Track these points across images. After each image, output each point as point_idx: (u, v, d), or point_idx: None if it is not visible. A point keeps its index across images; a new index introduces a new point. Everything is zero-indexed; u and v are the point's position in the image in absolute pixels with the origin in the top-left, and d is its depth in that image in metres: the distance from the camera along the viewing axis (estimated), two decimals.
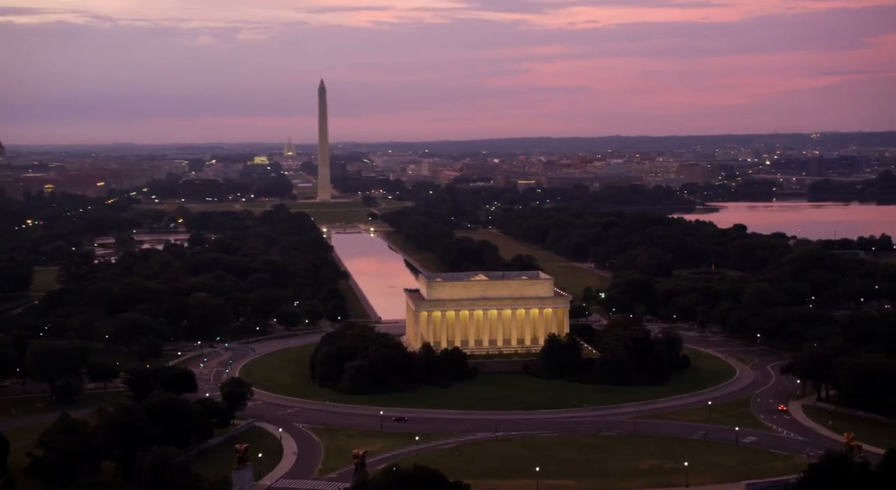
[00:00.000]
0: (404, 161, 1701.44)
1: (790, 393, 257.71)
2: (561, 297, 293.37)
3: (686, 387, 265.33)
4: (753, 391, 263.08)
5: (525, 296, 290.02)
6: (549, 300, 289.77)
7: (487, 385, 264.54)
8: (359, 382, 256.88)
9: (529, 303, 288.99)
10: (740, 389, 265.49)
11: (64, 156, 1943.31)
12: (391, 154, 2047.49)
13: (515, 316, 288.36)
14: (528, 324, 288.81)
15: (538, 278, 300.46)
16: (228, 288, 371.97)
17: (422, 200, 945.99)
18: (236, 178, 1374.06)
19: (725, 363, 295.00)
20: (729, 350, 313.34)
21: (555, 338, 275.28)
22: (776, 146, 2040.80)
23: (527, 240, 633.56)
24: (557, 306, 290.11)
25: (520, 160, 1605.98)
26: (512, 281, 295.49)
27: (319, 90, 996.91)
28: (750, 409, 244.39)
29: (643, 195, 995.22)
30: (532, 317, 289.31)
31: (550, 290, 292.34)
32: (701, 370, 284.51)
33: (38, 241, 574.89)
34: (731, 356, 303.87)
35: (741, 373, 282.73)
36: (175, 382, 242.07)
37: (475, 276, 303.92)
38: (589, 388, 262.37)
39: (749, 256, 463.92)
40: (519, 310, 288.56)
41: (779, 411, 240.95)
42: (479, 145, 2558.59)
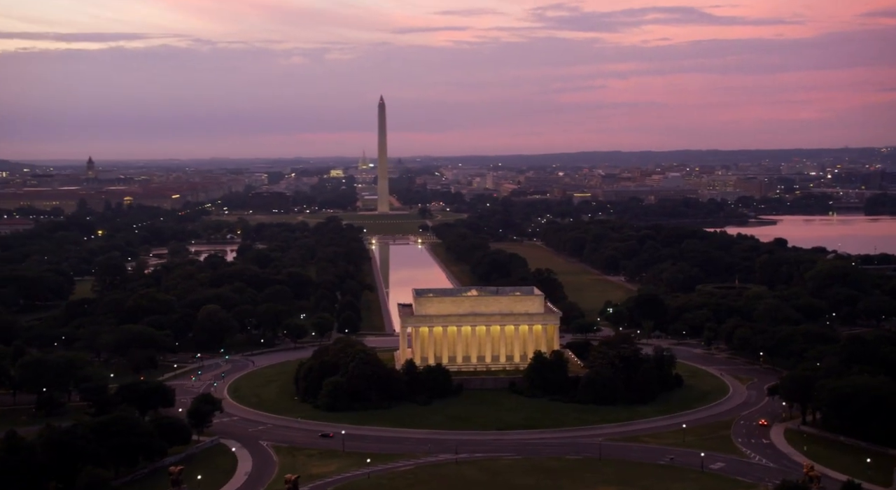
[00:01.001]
0: (472, 174, 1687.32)
1: (777, 415, 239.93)
2: (551, 314, 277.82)
3: (672, 407, 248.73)
4: (740, 412, 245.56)
5: (514, 312, 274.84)
6: (539, 316, 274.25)
7: (469, 403, 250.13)
8: (336, 399, 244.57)
9: (519, 319, 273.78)
10: (728, 410, 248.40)
11: (154, 170, 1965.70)
12: (461, 167, 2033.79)
13: (504, 332, 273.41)
14: (518, 340, 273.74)
15: (529, 294, 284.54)
16: (245, 299, 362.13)
17: (477, 212, 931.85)
18: (306, 190, 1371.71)
19: (721, 382, 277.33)
20: (731, 368, 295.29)
21: (540, 355, 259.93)
22: (844, 160, 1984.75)
23: (566, 252, 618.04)
24: (547, 323, 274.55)
25: (582, 173, 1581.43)
26: (501, 297, 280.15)
27: (379, 106, 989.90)
28: (730, 432, 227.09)
29: (696, 208, 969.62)
30: (521, 333, 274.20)
31: (541, 306, 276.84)
32: (693, 389, 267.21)
33: (94, 252, 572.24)
34: (730, 375, 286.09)
35: (734, 392, 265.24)
36: (149, 397, 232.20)
37: (468, 291, 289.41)
38: (571, 407, 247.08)
39: (776, 272, 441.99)
40: (508, 326, 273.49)
41: (758, 435, 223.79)
42: (550, 159, 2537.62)
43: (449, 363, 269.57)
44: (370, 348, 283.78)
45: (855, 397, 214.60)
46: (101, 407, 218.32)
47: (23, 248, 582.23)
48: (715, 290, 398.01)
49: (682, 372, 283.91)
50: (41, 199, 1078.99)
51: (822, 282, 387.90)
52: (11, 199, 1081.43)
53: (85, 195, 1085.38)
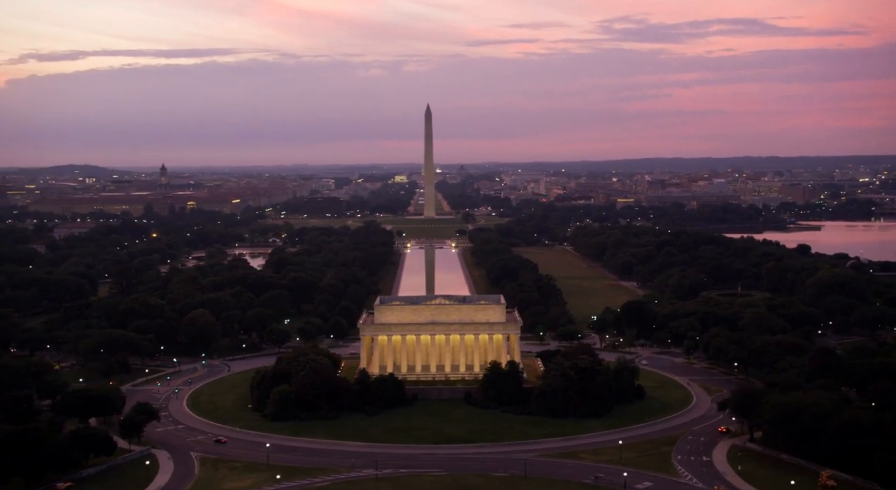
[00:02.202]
0: (528, 179, 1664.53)
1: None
2: (511, 323, 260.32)
3: (625, 421, 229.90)
4: (694, 426, 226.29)
5: (475, 321, 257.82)
6: (499, 326, 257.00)
7: (418, 414, 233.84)
8: (283, 408, 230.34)
9: (479, 328, 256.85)
10: (682, 424, 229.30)
11: (232, 176, 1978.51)
12: (520, 173, 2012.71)
13: (464, 341, 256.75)
14: (477, 350, 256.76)
15: (494, 303, 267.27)
16: (241, 304, 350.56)
17: (519, 217, 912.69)
18: (364, 195, 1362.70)
19: (687, 393, 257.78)
20: (705, 379, 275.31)
21: (495, 366, 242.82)
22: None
23: (590, 257, 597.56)
24: (507, 332, 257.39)
25: (634, 179, 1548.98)
26: (462, 306, 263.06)
27: (426, 115, 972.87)
28: (673, 448, 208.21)
29: (735, 214, 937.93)
30: (482, 343, 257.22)
31: (501, 315, 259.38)
32: (655, 401, 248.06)
33: (133, 255, 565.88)
34: (701, 385, 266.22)
35: (696, 404, 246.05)
36: (94, 405, 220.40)
37: (434, 300, 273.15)
38: (522, 420, 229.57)
39: (781, 279, 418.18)
40: (467, 335, 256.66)
41: (701, 451, 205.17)
42: (613, 165, 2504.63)
43: (408, 372, 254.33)
44: (335, 356, 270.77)
45: (796, 415, 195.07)
46: (23, 416, 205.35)
47: (69, 251, 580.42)
48: (717, 298, 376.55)
49: (651, 382, 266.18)
50: (113, 204, 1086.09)
51: (819, 290, 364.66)
52: (87, 204, 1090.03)
53: (152, 200, 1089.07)
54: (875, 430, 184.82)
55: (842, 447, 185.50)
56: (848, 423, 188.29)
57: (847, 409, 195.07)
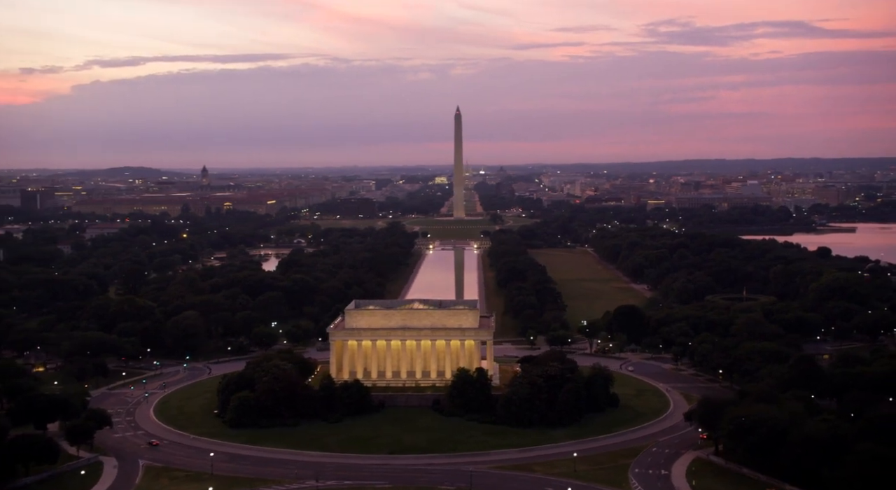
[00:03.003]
0: (566, 181, 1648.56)
1: (694, 442, 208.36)
2: (484, 329, 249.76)
3: (592, 431, 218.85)
4: (661, 437, 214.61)
5: (447, 326, 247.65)
6: (471, 331, 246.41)
7: (382, 422, 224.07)
8: (243, 415, 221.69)
9: (450, 333, 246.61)
10: (651, 434, 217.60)
11: (277, 177, 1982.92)
12: (559, 174, 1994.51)
13: (435, 347, 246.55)
14: (449, 356, 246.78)
15: (471, 308, 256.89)
16: (235, 306, 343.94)
17: (547, 218, 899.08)
18: (399, 196, 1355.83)
19: (664, 402, 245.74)
20: (688, 386, 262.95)
21: (463, 373, 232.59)
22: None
23: (608, 259, 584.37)
24: (479, 338, 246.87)
25: (670, 181, 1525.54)
26: (434, 310, 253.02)
27: (455, 117, 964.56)
28: (632, 460, 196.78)
29: (764, 216, 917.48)
30: (453, 348, 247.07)
31: (474, 320, 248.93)
32: (628, 410, 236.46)
33: (153, 255, 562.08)
34: (683, 393, 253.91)
35: (671, 414, 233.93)
36: (48, 411, 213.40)
37: (410, 304, 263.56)
38: (485, 429, 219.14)
39: (788, 283, 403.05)
40: (439, 341, 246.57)
41: (663, 464, 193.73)
42: (654, 167, 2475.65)
43: (378, 378, 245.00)
44: (309, 360, 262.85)
45: (754, 428, 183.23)
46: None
47: (91, 251, 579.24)
48: (720, 302, 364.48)
49: (631, 390, 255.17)
50: (152, 205, 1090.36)
51: (821, 294, 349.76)
52: (127, 205, 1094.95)
53: (190, 200, 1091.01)
54: (832, 444, 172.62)
55: (799, 462, 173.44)
56: (805, 437, 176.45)
57: (806, 423, 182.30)
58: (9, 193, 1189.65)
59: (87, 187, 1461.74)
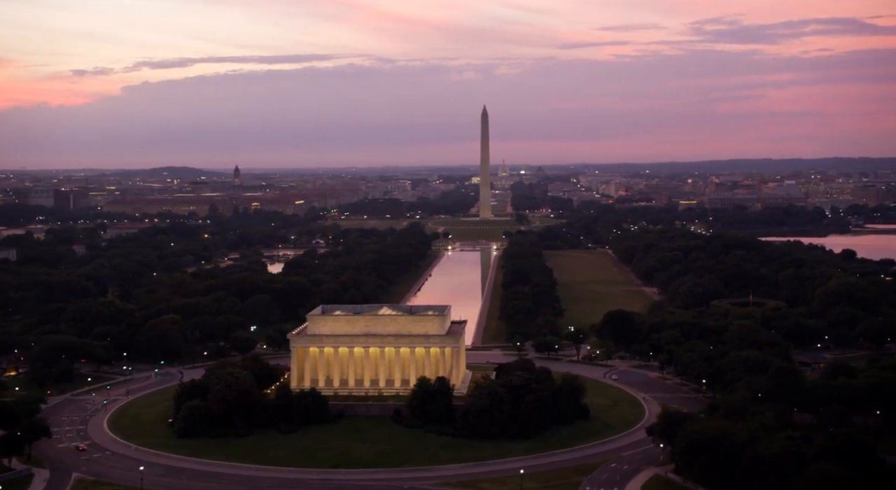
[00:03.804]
0: (602, 181, 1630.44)
1: (657, 458, 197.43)
2: (451, 336, 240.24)
3: (554, 444, 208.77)
4: (625, 451, 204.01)
5: (412, 333, 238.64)
6: (437, 339, 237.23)
7: (336, 433, 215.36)
8: (192, 424, 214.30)
9: (415, 341, 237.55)
10: (614, 449, 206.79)
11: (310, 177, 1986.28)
12: (597, 174, 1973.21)
13: (400, 354, 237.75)
14: (413, 364, 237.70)
15: (428, 315, 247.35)
16: (222, 309, 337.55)
17: (574, 219, 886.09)
18: (431, 196, 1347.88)
19: (639, 413, 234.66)
20: (669, 397, 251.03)
21: (423, 382, 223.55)
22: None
23: (624, 261, 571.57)
24: (446, 345, 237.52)
25: (706, 181, 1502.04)
26: (399, 317, 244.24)
27: (482, 117, 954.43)
28: (586, 477, 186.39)
29: (797, 217, 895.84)
30: (418, 356, 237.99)
31: (441, 327, 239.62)
32: (597, 422, 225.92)
33: (163, 256, 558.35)
34: (661, 404, 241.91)
35: (642, 427, 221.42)
36: None
37: (379, 309, 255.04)
38: (442, 441, 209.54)
39: (799, 287, 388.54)
40: (403, 348, 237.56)
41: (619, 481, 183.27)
42: (698, 166, 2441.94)
43: (340, 387, 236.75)
44: (274, 367, 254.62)
45: (709, 445, 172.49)
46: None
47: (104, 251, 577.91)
48: (726, 307, 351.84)
49: (607, 400, 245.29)
50: (182, 204, 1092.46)
51: (827, 300, 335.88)
52: (157, 205, 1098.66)
53: (218, 200, 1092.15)
54: (788, 463, 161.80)
55: (752, 482, 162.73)
56: (759, 456, 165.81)
57: (762, 441, 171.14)
58: (42, 193, 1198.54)
59: (121, 187, 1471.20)
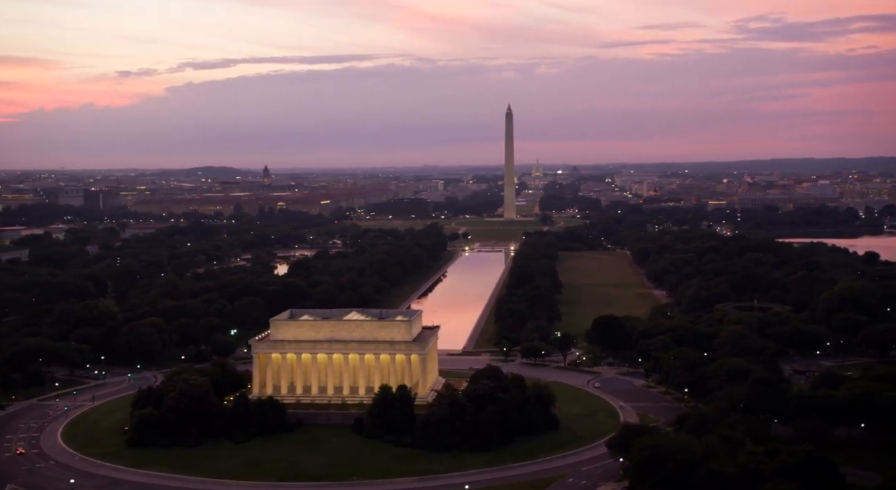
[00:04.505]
0: (636, 181, 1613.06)
1: (616, 472, 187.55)
2: (418, 343, 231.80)
3: (516, 456, 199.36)
4: (586, 465, 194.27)
5: (378, 339, 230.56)
6: (403, 345, 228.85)
7: (291, 443, 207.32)
8: (143, 434, 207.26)
9: (380, 347, 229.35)
10: (576, 462, 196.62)
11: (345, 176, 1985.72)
12: (631, 174, 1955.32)
13: (364, 361, 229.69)
14: (378, 371, 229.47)
15: (396, 320, 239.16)
16: (210, 312, 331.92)
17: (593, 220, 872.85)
18: (458, 197, 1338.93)
19: (612, 424, 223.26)
20: (649, 406, 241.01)
21: (385, 390, 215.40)
22: None
23: (639, 263, 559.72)
24: (412, 352, 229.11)
25: (740, 181, 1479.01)
26: (364, 322, 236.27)
27: (506, 116, 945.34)
28: None
29: (829, 217, 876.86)
30: (383, 363, 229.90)
31: (408, 333, 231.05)
32: (566, 433, 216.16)
33: (174, 257, 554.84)
34: (639, 413, 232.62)
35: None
36: None
37: (347, 314, 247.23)
38: (399, 453, 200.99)
39: (809, 291, 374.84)
40: (368, 355, 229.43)
41: None
42: (738, 166, 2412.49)
43: (303, 394, 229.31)
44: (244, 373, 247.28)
45: (662, 461, 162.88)
46: None
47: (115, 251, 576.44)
48: (730, 311, 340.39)
49: (583, 409, 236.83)
50: (208, 204, 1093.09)
51: (831, 305, 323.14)
52: (184, 204, 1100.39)
53: (244, 200, 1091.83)
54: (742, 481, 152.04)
55: None
56: (715, 473, 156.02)
57: (718, 457, 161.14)
58: (72, 193, 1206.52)
59: (152, 187, 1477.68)
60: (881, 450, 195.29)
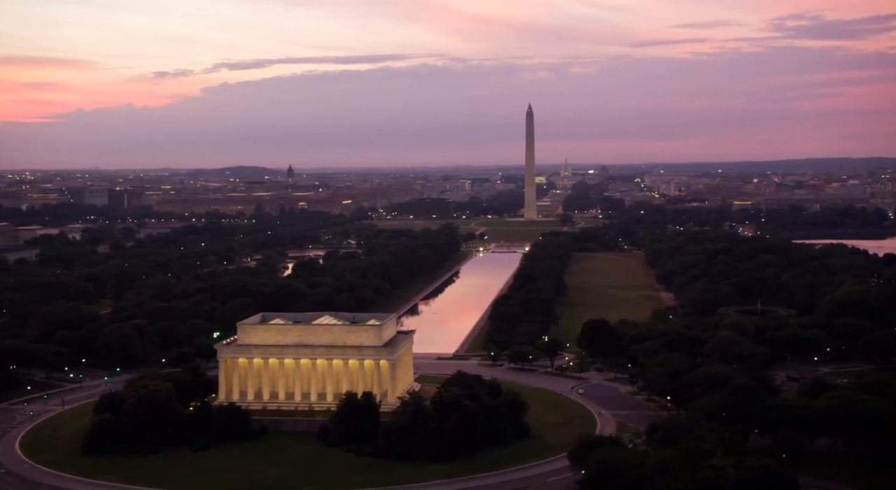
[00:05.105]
0: (664, 181, 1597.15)
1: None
2: (386, 348, 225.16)
3: (479, 467, 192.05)
4: (550, 477, 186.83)
5: (346, 344, 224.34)
6: (371, 350, 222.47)
7: (250, 452, 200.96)
8: (99, 441, 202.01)
9: (348, 352, 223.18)
10: (539, 474, 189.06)
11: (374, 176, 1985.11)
12: (661, 174, 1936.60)
13: (332, 367, 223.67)
14: (346, 377, 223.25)
15: (372, 323, 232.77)
16: (199, 313, 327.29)
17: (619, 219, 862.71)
18: (483, 196, 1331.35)
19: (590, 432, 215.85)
20: (632, 414, 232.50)
21: (350, 397, 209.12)
22: None
23: (652, 264, 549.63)
24: (380, 358, 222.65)
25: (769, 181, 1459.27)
26: (333, 327, 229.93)
27: (527, 115, 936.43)
28: None
29: (855, 218, 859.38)
30: (351, 369, 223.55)
31: (378, 338, 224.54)
32: (537, 443, 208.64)
33: (183, 256, 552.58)
34: (619, 421, 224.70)
35: None
36: None
37: (319, 317, 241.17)
38: (360, 462, 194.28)
39: (816, 294, 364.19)
40: (335, 360, 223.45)
41: None
42: (772, 166, 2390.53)
43: (270, 400, 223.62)
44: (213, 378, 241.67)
45: (614, 475, 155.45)
46: None
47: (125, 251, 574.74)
48: (733, 314, 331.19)
49: (559, 417, 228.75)
50: (230, 204, 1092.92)
51: (833, 309, 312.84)
52: (206, 204, 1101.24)
53: (265, 200, 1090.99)
54: None
55: None
56: (666, 489, 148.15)
57: (670, 472, 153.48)
58: (96, 193, 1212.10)
59: (177, 187, 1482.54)
60: (862, 462, 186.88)
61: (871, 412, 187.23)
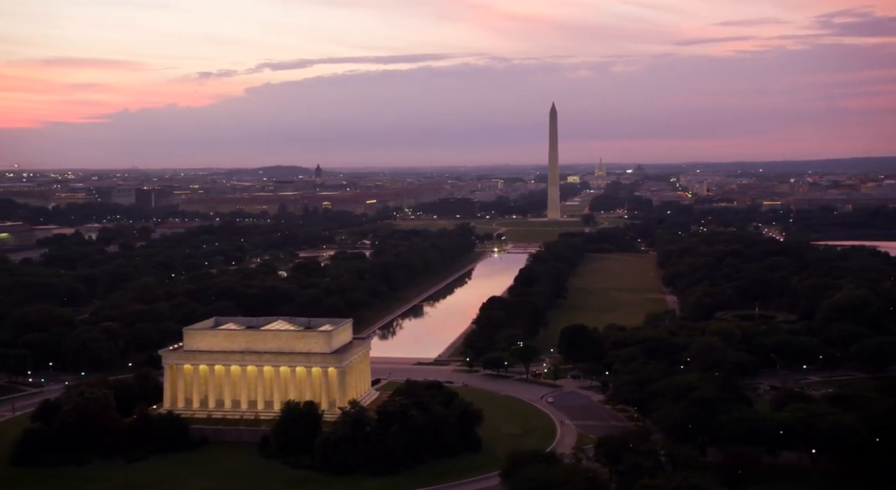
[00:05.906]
0: (698, 180, 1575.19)
1: None
2: (336, 355, 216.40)
3: (420, 482, 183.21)
4: None
5: (294, 351, 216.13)
6: (319, 357, 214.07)
7: (186, 463, 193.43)
8: (30, 450, 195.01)
9: (296, 359, 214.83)
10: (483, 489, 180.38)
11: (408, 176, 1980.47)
12: (697, 174, 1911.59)
13: (280, 374, 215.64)
14: (294, 385, 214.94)
15: (326, 328, 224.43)
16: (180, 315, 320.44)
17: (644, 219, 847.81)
18: (512, 196, 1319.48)
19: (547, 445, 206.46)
20: (601, 425, 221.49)
21: (291, 406, 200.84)
22: None
23: (662, 265, 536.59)
24: (329, 365, 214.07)
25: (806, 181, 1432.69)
26: (281, 333, 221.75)
27: (550, 114, 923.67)
28: None
29: (886, 219, 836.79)
30: (299, 376, 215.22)
31: (327, 344, 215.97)
32: (488, 455, 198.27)
33: (189, 257, 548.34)
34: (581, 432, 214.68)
35: None
36: None
37: (273, 321, 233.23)
38: (294, 476, 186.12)
39: (817, 298, 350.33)
40: (283, 367, 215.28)
41: None
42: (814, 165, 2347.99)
43: (215, 409, 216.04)
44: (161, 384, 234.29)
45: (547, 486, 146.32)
46: None
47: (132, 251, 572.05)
48: (730, 319, 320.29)
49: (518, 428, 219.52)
50: (255, 204, 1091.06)
51: (830, 315, 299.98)
52: (231, 204, 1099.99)
53: (289, 200, 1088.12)
54: None
55: None
56: None
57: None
58: (124, 192, 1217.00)
59: (206, 186, 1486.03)
60: (825, 479, 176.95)
61: (830, 427, 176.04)
